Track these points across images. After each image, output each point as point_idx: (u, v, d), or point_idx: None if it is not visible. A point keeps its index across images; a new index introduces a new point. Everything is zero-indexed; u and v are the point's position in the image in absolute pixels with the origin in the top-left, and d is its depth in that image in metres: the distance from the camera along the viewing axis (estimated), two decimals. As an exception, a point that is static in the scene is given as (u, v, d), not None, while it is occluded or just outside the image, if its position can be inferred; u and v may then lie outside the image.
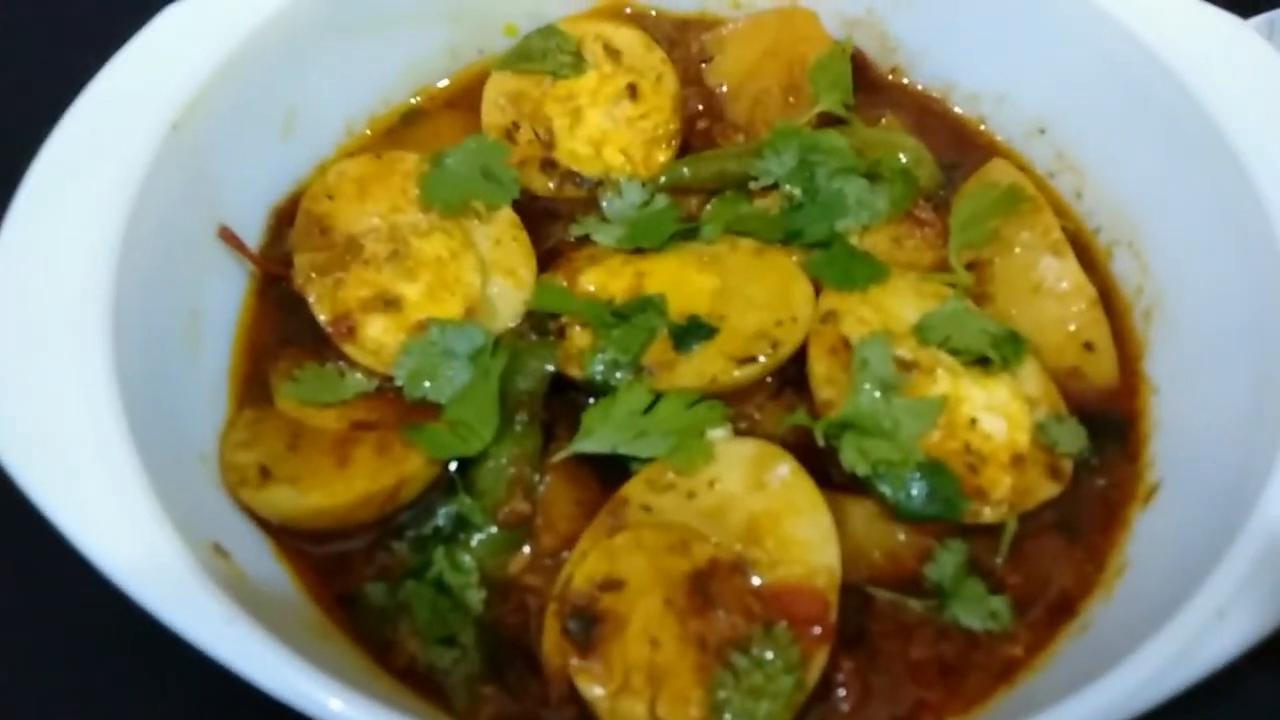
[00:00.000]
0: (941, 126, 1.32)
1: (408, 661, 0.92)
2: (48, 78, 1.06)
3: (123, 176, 0.98)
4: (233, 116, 1.10)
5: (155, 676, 0.99)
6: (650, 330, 1.05)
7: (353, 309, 1.05)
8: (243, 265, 1.13)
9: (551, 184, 1.21)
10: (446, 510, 0.99)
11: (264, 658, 0.74)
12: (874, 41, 1.34)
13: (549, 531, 0.98)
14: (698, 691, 0.86)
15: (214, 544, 0.86)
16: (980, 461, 0.99)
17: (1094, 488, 1.04)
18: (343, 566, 0.98)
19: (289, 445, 0.98)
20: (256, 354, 1.10)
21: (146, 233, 0.97)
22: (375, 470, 0.95)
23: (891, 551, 0.98)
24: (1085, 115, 1.21)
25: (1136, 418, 1.09)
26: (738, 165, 1.19)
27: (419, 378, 1.01)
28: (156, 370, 0.95)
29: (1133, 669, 0.73)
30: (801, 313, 1.06)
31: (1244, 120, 1.04)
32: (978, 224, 1.13)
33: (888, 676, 0.93)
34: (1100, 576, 0.98)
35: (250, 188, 1.16)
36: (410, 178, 1.13)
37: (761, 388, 1.06)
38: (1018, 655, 0.94)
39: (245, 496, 0.95)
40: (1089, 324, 1.10)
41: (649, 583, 0.90)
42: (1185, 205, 1.10)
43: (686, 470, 0.96)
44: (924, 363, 1.04)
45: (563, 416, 1.03)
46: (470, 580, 0.95)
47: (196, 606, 0.76)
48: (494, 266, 1.12)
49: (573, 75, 1.25)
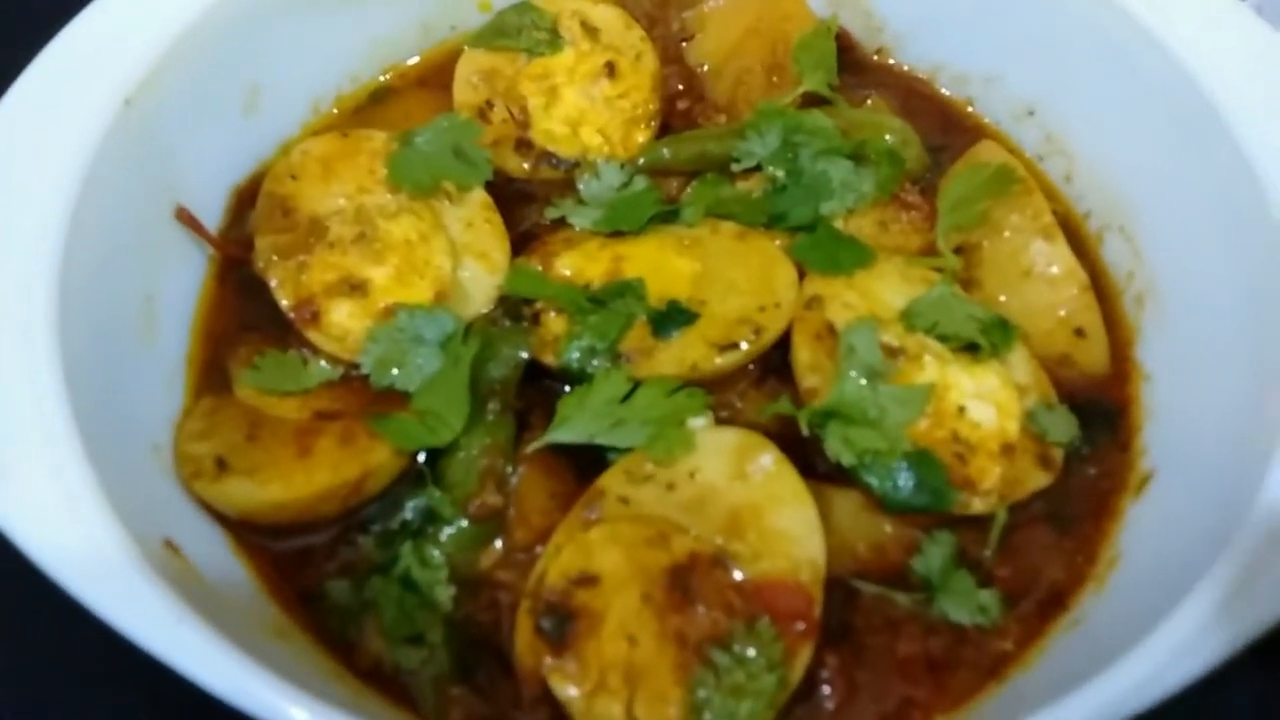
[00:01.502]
0: (928, 108, 1.31)
1: (373, 662, 0.91)
2: None
3: (72, 153, 0.95)
4: (191, 92, 1.07)
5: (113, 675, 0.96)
6: (628, 316, 1.03)
7: (317, 293, 1.03)
8: (201, 248, 1.11)
9: (526, 165, 1.19)
10: (414, 503, 0.97)
11: (217, 661, 0.71)
12: (859, 20, 1.33)
13: (522, 525, 0.97)
14: (677, 691, 0.85)
15: (165, 539, 0.83)
16: (969, 451, 0.98)
17: (1085, 477, 1.04)
18: (304, 562, 0.97)
19: (248, 435, 0.95)
20: (215, 340, 1.08)
21: (97, 213, 0.94)
22: (338, 462, 0.93)
23: (877, 544, 0.97)
24: (1076, 96, 1.20)
25: (1128, 405, 1.09)
26: (719, 146, 1.17)
27: (386, 365, 0.99)
28: (106, 357, 0.93)
29: (1129, 667, 0.71)
30: (785, 298, 1.05)
31: (1240, 100, 1.03)
32: (967, 206, 1.11)
33: (874, 673, 0.93)
34: (1092, 569, 0.98)
35: (209, 167, 1.13)
36: (378, 157, 1.11)
37: (744, 375, 1.05)
38: (1008, 650, 0.94)
39: (200, 489, 0.93)
40: (1080, 310, 1.09)
41: (626, 578, 0.89)
42: (1180, 187, 1.09)
43: (666, 461, 0.95)
44: (911, 349, 1.02)
45: (537, 405, 1.02)
46: (439, 576, 0.94)
47: (143, 605, 0.73)
48: (465, 250, 1.09)
49: (549, 53, 1.23)
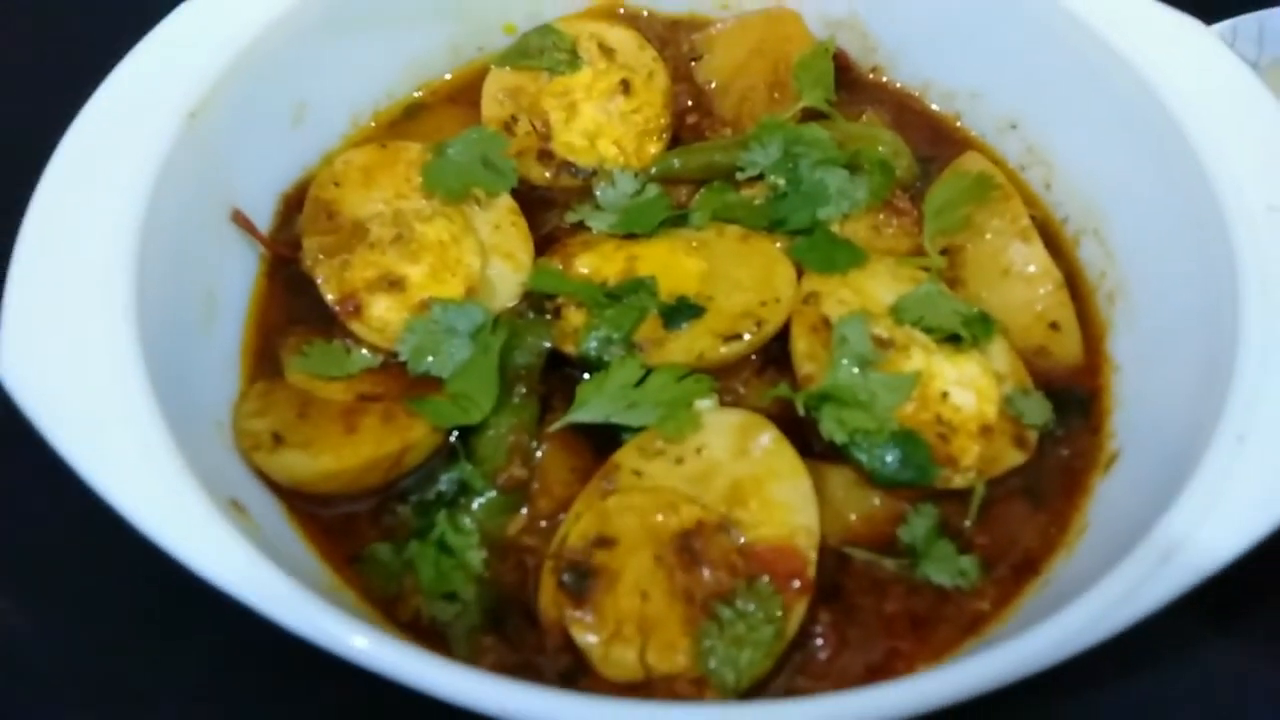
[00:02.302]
0: (919, 122, 1.33)
1: (413, 614, 0.94)
2: (74, 67, 1.08)
3: (144, 161, 1.00)
4: (245, 108, 1.12)
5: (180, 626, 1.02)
6: (641, 310, 1.06)
7: (359, 289, 1.07)
8: (254, 248, 1.16)
9: (548, 174, 1.24)
10: (449, 476, 1.01)
11: (289, 598, 0.77)
12: (855, 41, 1.37)
13: (545, 495, 1.00)
14: (685, 640, 0.89)
15: (232, 499, 0.88)
16: (951, 431, 1.00)
17: (1058, 457, 1.06)
18: (350, 529, 1.00)
19: (299, 414, 0.99)
20: (267, 331, 1.12)
21: (166, 215, 0.99)
22: (381, 437, 0.97)
23: (867, 515, 1.00)
24: (1054, 112, 1.24)
25: (1099, 393, 1.10)
26: (725, 157, 1.20)
27: (422, 353, 1.03)
28: (175, 344, 0.97)
29: (1081, 609, 0.77)
30: (784, 294, 1.08)
31: (1201, 118, 1.06)
32: (951, 211, 1.15)
33: (862, 628, 0.95)
34: (1063, 537, 1.00)
35: (261, 175, 1.18)
36: (413, 166, 1.15)
37: (746, 364, 1.08)
38: (984, 609, 0.96)
39: (259, 460, 0.97)
40: (1055, 306, 1.12)
41: (639, 541, 0.92)
42: (1146, 197, 1.12)
43: (675, 438, 0.98)
44: (899, 340, 1.05)
45: (559, 390, 1.05)
46: (471, 541, 0.97)
47: (219, 549, 0.78)
48: (493, 250, 1.13)
49: (569, 72, 1.27)
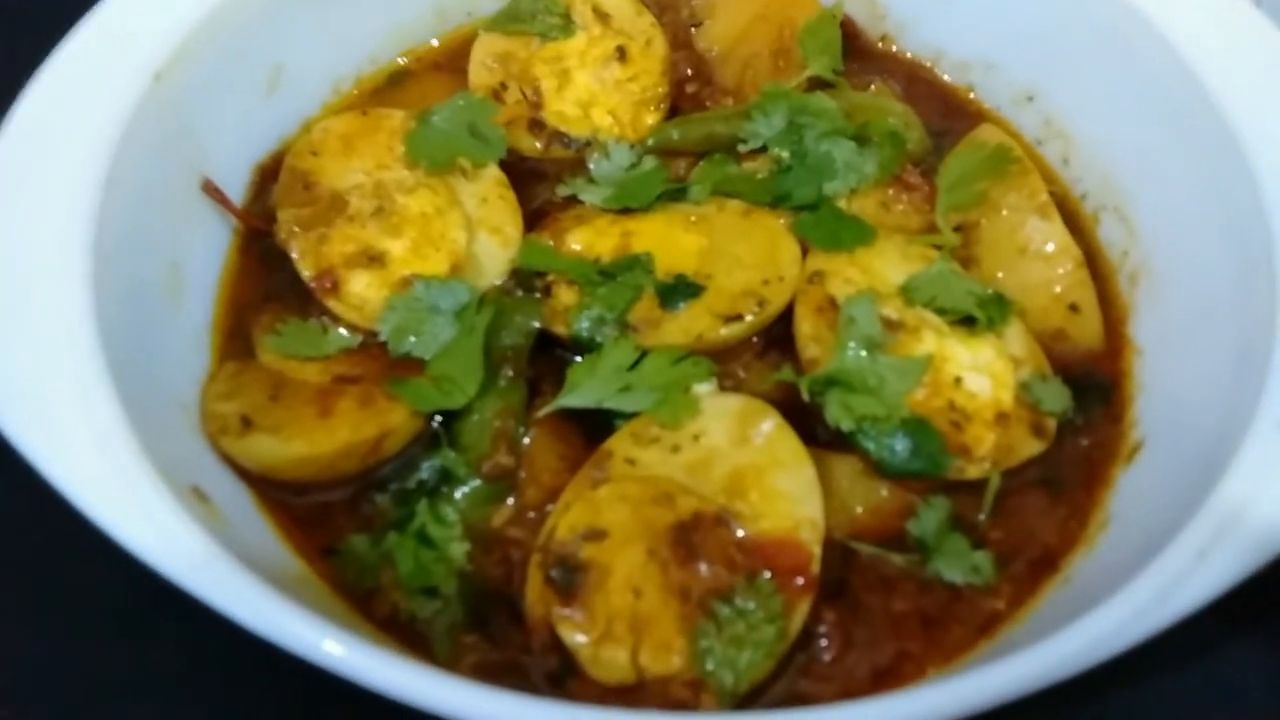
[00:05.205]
0: (930, 94, 1.32)
1: (389, 611, 0.92)
2: (32, 25, 1.05)
3: (105, 124, 0.97)
4: (216, 69, 1.10)
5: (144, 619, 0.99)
6: (637, 288, 1.05)
7: (336, 265, 1.05)
8: (225, 220, 1.13)
9: (539, 144, 1.21)
10: (430, 464, 0.99)
11: (250, 597, 0.74)
12: (863, 8, 1.35)
13: (533, 485, 0.98)
14: (680, 640, 0.87)
15: (193, 486, 0.86)
16: (964, 419, 0.99)
17: (1078, 447, 1.05)
18: (324, 519, 0.98)
19: (271, 396, 0.98)
20: (238, 308, 1.10)
21: (128, 182, 0.97)
22: (358, 421, 0.96)
23: (875, 507, 0.98)
24: (1075, 83, 1.22)
25: (1121, 379, 1.09)
26: (726, 128, 1.18)
27: (403, 333, 1.01)
28: (137, 320, 0.95)
29: (1111, 611, 0.74)
30: (788, 272, 1.06)
31: (1233, 87, 1.04)
32: (965, 185, 1.13)
33: (869, 628, 0.94)
34: (1083, 532, 0.99)
35: (234, 143, 1.15)
36: (396, 135, 1.13)
37: (748, 347, 1.06)
38: (999, 609, 0.95)
39: (226, 445, 0.95)
40: (1074, 286, 1.10)
41: (632, 534, 0.90)
42: (1174, 172, 1.11)
43: (671, 424, 0.96)
44: (910, 322, 1.03)
45: (548, 373, 1.03)
46: (454, 533, 0.95)
47: (178, 545, 0.76)
48: (480, 224, 1.11)
49: (561, 37, 1.25)
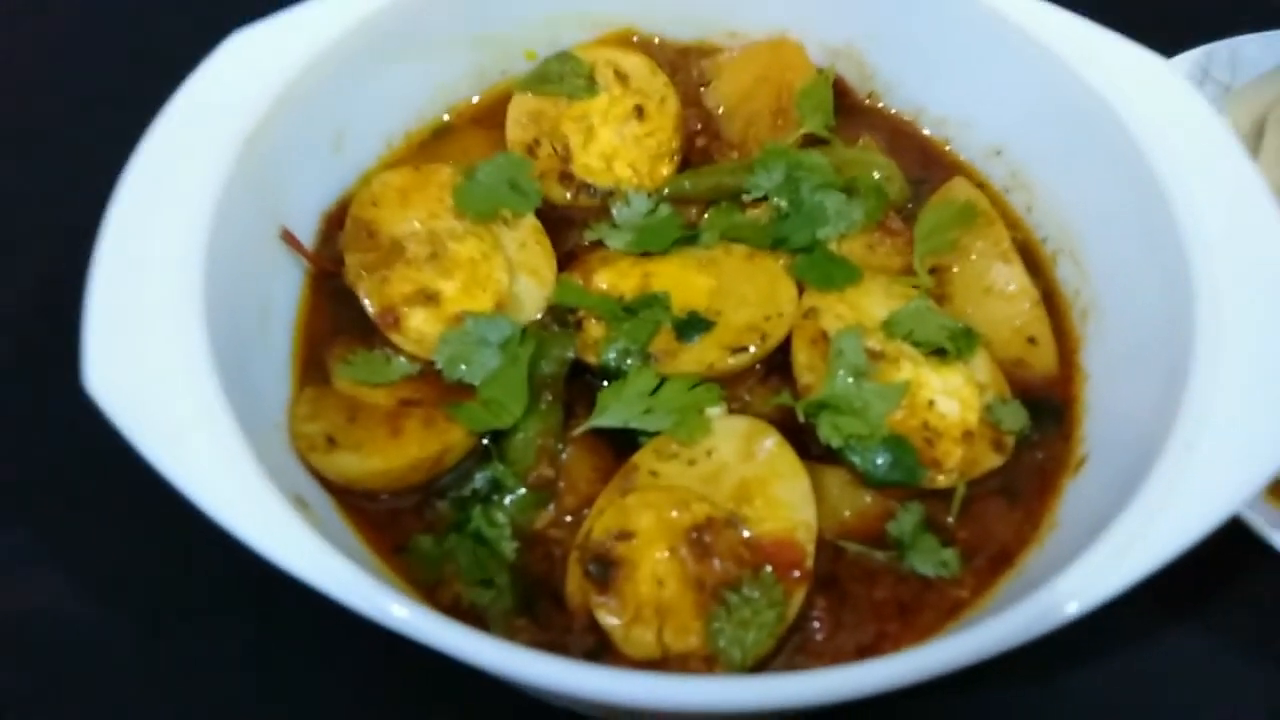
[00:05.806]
0: (912, 146, 1.37)
1: (453, 599, 0.99)
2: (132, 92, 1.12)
3: (207, 185, 1.03)
4: (295, 132, 1.14)
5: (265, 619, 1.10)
6: (656, 323, 1.11)
7: (397, 303, 1.11)
8: (300, 263, 1.19)
9: (568, 194, 1.27)
10: (483, 475, 1.06)
11: (357, 585, 0.83)
12: (853, 70, 1.40)
13: (571, 493, 1.05)
14: (697, 623, 0.94)
15: (296, 495, 0.95)
16: (936, 437, 1.06)
17: (1033, 460, 1.11)
18: (395, 522, 1.04)
19: (348, 418, 1.04)
20: (314, 341, 1.16)
21: (228, 234, 1.03)
22: (423, 440, 1.02)
23: (860, 511, 1.05)
24: (1035, 140, 1.27)
25: (1072, 402, 1.15)
26: (732, 179, 1.25)
27: (456, 362, 1.07)
28: (239, 353, 1.02)
29: (1044, 596, 0.84)
30: (786, 309, 1.13)
31: (1164, 148, 1.10)
32: (939, 234, 1.20)
33: (854, 613, 1.00)
34: (1035, 533, 1.05)
35: (306, 196, 1.21)
36: (446, 188, 1.18)
37: (751, 374, 1.13)
38: (964, 597, 1.02)
39: (315, 460, 1.02)
40: (1032, 321, 1.17)
41: (656, 535, 0.97)
42: (1118, 225, 1.16)
43: (687, 442, 1.03)
44: (890, 353, 1.10)
45: (581, 397, 1.10)
46: (504, 534, 1.02)
47: (299, 546, 0.84)
48: (520, 266, 1.18)
49: (586, 97, 1.31)
